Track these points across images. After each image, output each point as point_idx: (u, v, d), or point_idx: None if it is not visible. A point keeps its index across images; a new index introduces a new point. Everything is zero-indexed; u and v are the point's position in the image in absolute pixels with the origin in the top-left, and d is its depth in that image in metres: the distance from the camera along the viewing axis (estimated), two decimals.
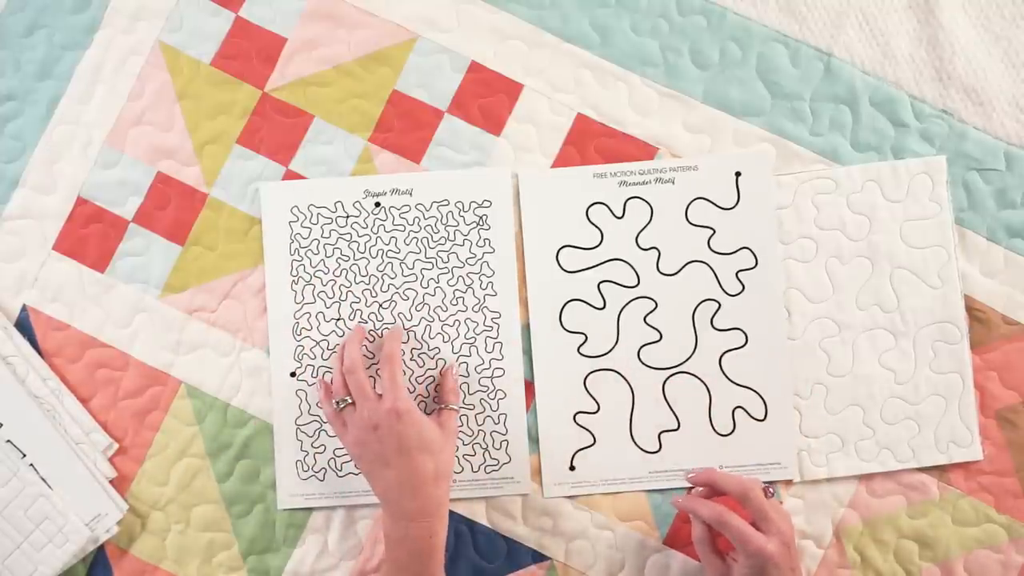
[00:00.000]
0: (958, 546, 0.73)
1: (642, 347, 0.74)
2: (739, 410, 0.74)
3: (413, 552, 0.65)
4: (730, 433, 0.74)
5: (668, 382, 0.74)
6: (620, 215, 0.75)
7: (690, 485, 0.73)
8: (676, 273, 0.75)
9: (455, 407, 0.71)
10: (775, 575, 0.63)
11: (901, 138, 0.75)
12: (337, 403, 0.69)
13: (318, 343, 0.74)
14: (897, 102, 0.75)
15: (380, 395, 0.67)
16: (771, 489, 0.67)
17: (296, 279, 0.75)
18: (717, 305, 0.74)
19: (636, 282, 0.75)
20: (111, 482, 0.74)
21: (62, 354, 0.75)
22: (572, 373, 0.74)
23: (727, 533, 0.64)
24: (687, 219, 0.75)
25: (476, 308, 0.74)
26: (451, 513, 0.74)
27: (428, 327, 0.74)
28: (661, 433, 0.74)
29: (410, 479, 0.65)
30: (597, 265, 0.75)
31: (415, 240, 0.75)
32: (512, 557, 0.74)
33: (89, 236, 0.76)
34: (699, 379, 0.74)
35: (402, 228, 0.75)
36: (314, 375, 0.74)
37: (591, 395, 0.74)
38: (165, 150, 0.76)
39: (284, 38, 0.76)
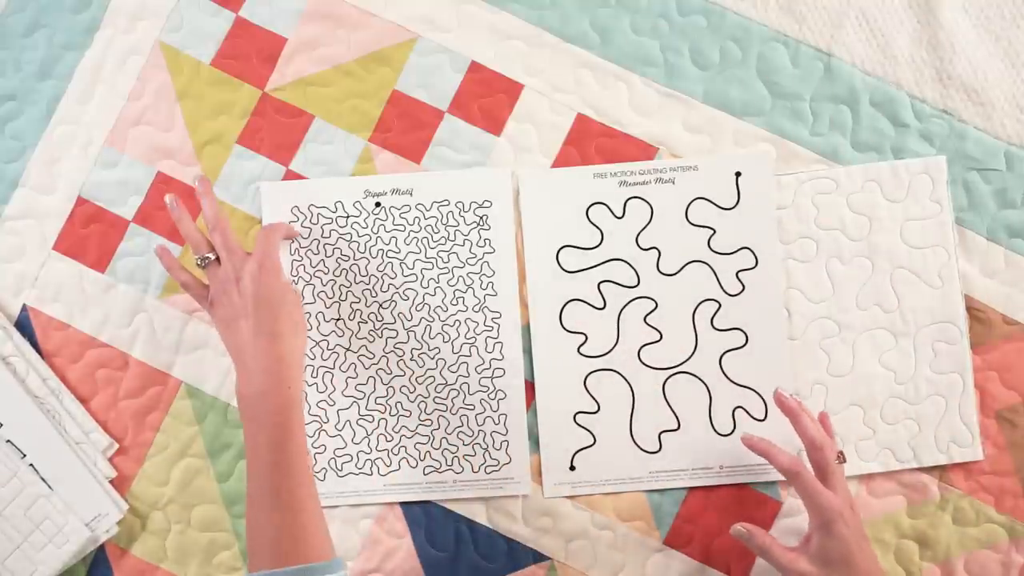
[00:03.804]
0: (958, 546, 0.73)
1: (642, 347, 0.74)
2: (739, 410, 0.74)
3: (268, 419, 0.62)
4: (730, 433, 0.74)
5: (668, 382, 0.74)
6: (620, 215, 0.75)
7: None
8: (676, 273, 0.74)
9: None
10: (845, 534, 0.63)
11: (901, 138, 0.75)
12: (200, 260, 0.68)
13: (318, 343, 0.74)
14: (897, 102, 0.75)
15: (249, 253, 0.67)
16: (843, 456, 0.67)
17: (296, 279, 0.75)
18: (717, 305, 0.74)
19: (636, 282, 0.75)
20: (111, 482, 0.74)
21: (62, 354, 0.75)
22: (572, 373, 0.74)
23: (796, 485, 0.64)
24: (687, 219, 0.75)
25: (476, 308, 0.74)
26: (451, 513, 0.74)
27: (428, 327, 0.74)
28: (661, 433, 0.74)
29: (268, 331, 0.64)
30: (597, 265, 0.75)
31: (415, 240, 0.75)
32: (512, 557, 0.74)
33: (89, 236, 0.76)
34: (699, 379, 0.74)
35: (402, 228, 0.75)
36: (313, 375, 0.74)
37: (591, 395, 0.74)
38: (165, 150, 0.76)
39: (284, 38, 0.76)
